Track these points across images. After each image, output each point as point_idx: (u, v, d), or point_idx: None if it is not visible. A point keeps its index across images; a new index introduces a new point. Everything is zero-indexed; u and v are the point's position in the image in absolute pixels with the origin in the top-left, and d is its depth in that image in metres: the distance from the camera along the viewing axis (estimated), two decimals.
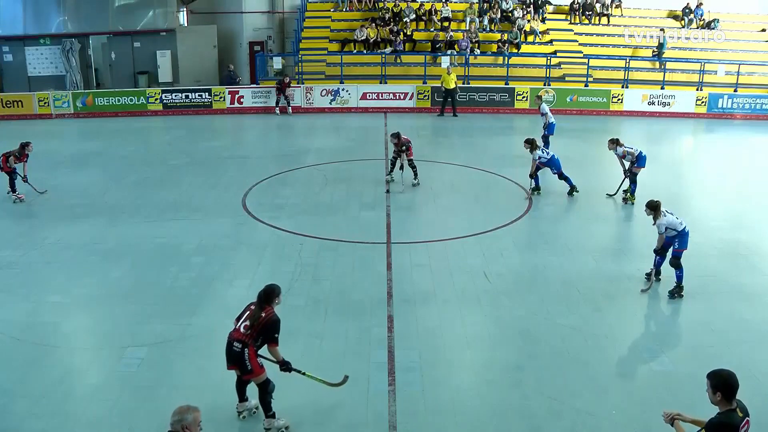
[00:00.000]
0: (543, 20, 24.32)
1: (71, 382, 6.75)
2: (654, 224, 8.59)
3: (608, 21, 24.43)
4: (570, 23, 24.49)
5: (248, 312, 5.81)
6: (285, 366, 5.83)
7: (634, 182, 12.28)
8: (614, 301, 8.53)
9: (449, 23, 23.87)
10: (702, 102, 21.12)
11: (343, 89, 21.46)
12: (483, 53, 23.05)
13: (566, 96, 21.27)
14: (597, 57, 22.52)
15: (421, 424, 6.06)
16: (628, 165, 12.17)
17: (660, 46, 22.67)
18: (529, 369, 6.94)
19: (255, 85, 22.30)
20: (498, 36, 23.31)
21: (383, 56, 22.15)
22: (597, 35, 23.96)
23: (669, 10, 24.87)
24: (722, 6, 24.73)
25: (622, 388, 6.69)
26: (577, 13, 24.51)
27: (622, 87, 21.61)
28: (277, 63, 22.88)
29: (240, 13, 25.79)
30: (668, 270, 8.64)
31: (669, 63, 22.07)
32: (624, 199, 12.42)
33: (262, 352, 5.81)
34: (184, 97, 21.46)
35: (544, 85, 21.48)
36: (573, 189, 12.72)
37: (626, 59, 22.14)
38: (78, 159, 15.88)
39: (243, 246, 10.29)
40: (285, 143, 18.38)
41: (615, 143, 12.20)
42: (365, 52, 22.92)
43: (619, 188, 12.58)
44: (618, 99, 21.33)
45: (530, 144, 12.55)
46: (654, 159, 13.53)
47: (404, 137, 12.98)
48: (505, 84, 21.62)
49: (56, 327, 7.78)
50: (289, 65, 23.55)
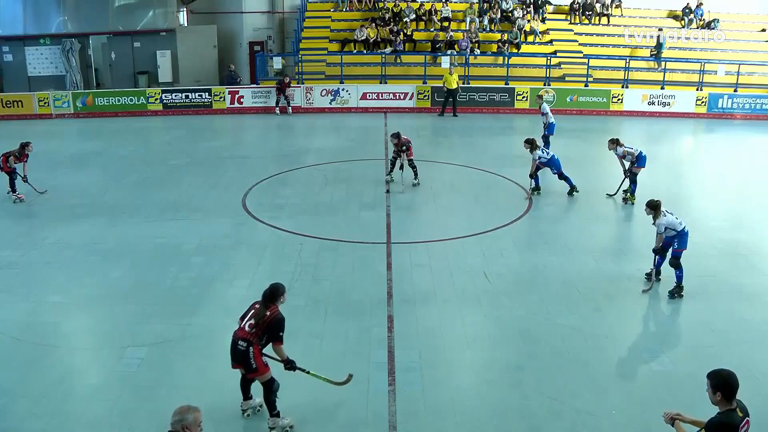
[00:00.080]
0: (543, 20, 24.33)
1: (71, 382, 6.75)
2: (653, 224, 8.59)
3: (608, 21, 24.43)
4: (570, 23, 24.50)
5: (253, 311, 5.81)
6: (289, 365, 5.84)
7: (634, 182, 12.28)
8: (614, 301, 8.53)
9: (449, 23, 23.87)
10: (702, 102, 21.12)
11: (343, 89, 21.46)
12: (483, 53, 23.06)
13: (566, 96, 21.28)
14: (597, 57, 22.52)
15: (421, 424, 6.06)
16: (628, 165, 12.18)
17: (658, 46, 22.67)
18: (529, 369, 6.94)
19: (255, 85, 22.30)
20: (498, 36, 23.31)
21: (383, 56, 22.15)
22: (597, 35, 23.96)
23: (669, 10, 24.88)
24: (722, 6, 24.73)
25: (622, 388, 6.69)
26: (577, 13, 24.51)
27: (622, 87, 21.61)
28: (277, 63, 22.88)
29: (240, 13, 25.79)
30: (668, 270, 8.65)
31: (669, 63, 22.07)
32: (624, 199, 12.43)
33: (267, 351, 5.81)
34: (184, 97, 21.46)
35: (544, 85, 21.48)
36: (573, 189, 12.72)
37: (626, 59, 22.16)
38: (78, 159, 15.88)
39: (243, 246, 10.29)
40: (285, 143, 18.38)
41: (615, 143, 12.21)
42: (365, 52, 22.92)
43: (619, 188, 12.58)
44: (618, 99, 21.34)
45: (530, 144, 12.56)
46: (654, 159, 13.54)
47: (404, 137, 12.99)
48: (505, 84, 21.62)
49: (56, 327, 7.78)
50: (289, 65, 23.54)
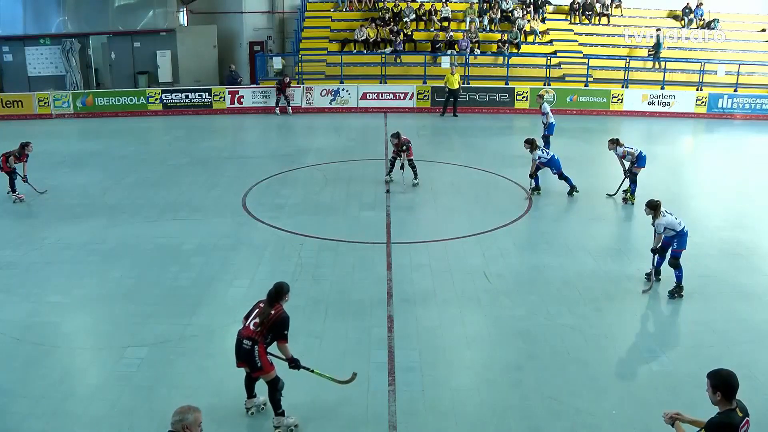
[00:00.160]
0: (543, 20, 24.34)
1: (71, 382, 6.75)
2: (652, 224, 8.59)
3: (608, 21, 24.45)
4: (570, 23, 24.51)
5: (257, 309, 5.82)
6: (294, 363, 5.84)
7: (634, 182, 12.29)
8: (614, 301, 8.53)
9: (449, 23, 23.88)
10: (702, 102, 21.12)
11: (343, 89, 21.46)
12: (483, 53, 23.06)
13: (566, 96, 21.27)
14: (597, 57, 22.52)
15: (421, 424, 6.06)
16: (628, 165, 12.18)
17: (657, 46, 22.67)
18: (529, 369, 6.94)
19: (255, 85, 22.30)
20: (498, 36, 23.32)
21: (383, 56, 22.16)
22: (597, 35, 23.97)
23: (669, 10, 24.89)
24: (722, 6, 24.75)
25: (622, 388, 6.69)
26: (577, 13, 24.52)
27: (622, 87, 21.62)
28: (277, 63, 22.88)
29: (240, 13, 25.81)
30: (668, 270, 8.65)
31: (669, 63, 22.07)
32: (624, 199, 12.43)
33: (272, 350, 5.82)
34: (184, 97, 21.46)
35: (544, 85, 21.48)
36: (573, 189, 12.72)
37: (626, 59, 22.17)
38: (78, 159, 15.87)
39: (243, 246, 10.29)
40: (285, 143, 18.37)
41: (615, 143, 12.21)
42: (365, 52, 22.92)
43: (619, 188, 12.58)
44: (618, 99, 21.34)
45: (530, 144, 12.56)
46: (654, 159, 13.54)
47: (404, 137, 12.99)
48: (505, 84, 21.62)
49: (56, 327, 7.78)
50: (289, 65, 23.55)
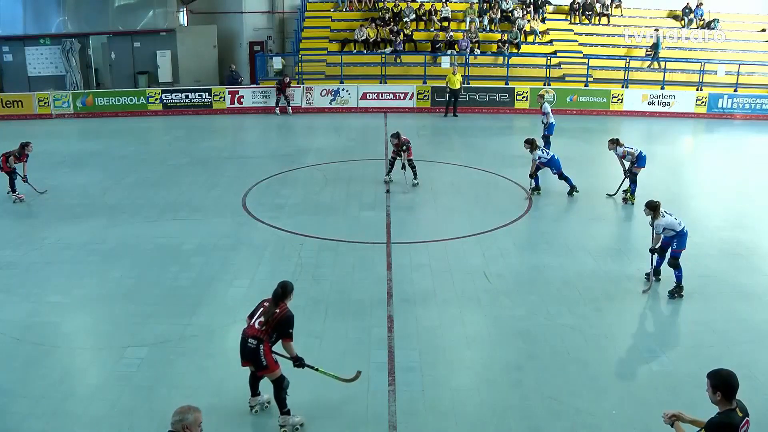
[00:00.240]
0: (543, 20, 24.34)
1: (71, 382, 6.75)
2: (651, 224, 8.59)
3: (608, 21, 24.45)
4: (570, 23, 24.51)
5: (262, 309, 5.83)
6: (298, 362, 5.86)
7: (634, 182, 12.29)
8: (614, 301, 8.53)
9: (449, 23, 23.88)
10: (702, 102, 21.12)
11: (343, 89, 21.46)
12: (483, 53, 23.06)
13: (566, 96, 21.27)
14: (597, 57, 22.53)
15: (421, 424, 6.06)
16: (628, 165, 12.18)
17: (655, 46, 22.66)
18: (529, 369, 6.94)
19: (255, 85, 22.30)
20: (498, 36, 23.32)
21: (383, 56, 22.16)
22: (597, 35, 23.98)
23: (669, 10, 24.90)
24: (722, 6, 24.75)
25: (622, 388, 6.69)
26: (577, 13, 24.52)
27: (622, 87, 21.62)
28: (277, 63, 22.89)
29: (240, 13, 25.81)
30: (668, 270, 8.65)
31: (669, 63, 22.06)
32: (624, 199, 12.43)
33: (276, 349, 5.83)
34: (184, 97, 21.46)
35: (544, 85, 21.48)
36: (573, 189, 12.72)
37: (626, 59, 22.18)
38: (78, 159, 15.87)
39: (243, 246, 10.29)
40: (285, 143, 18.37)
41: (615, 143, 12.21)
42: (365, 52, 22.92)
43: (619, 188, 12.58)
44: (618, 99, 21.34)
45: (530, 144, 12.56)
46: (654, 159, 13.54)
47: (404, 137, 12.98)
48: (505, 84, 21.62)
49: (56, 327, 7.78)
50: (289, 65, 23.55)
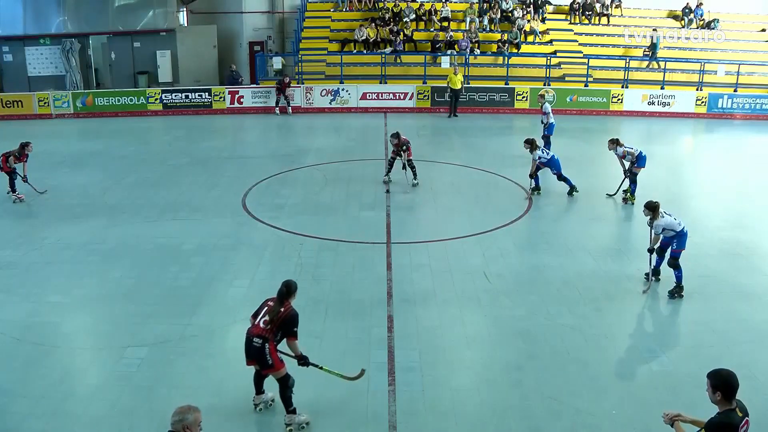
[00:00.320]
0: (543, 20, 24.34)
1: (71, 382, 6.75)
2: (649, 224, 8.60)
3: (608, 21, 24.44)
4: (570, 23, 24.50)
5: (266, 308, 5.84)
6: (303, 360, 5.87)
7: (634, 182, 12.28)
8: (614, 301, 8.53)
9: (449, 23, 23.88)
10: (702, 102, 21.12)
11: (343, 89, 21.46)
12: (483, 53, 23.06)
13: (566, 96, 21.26)
14: (597, 57, 22.52)
15: (421, 424, 6.06)
16: (628, 165, 12.17)
17: (653, 46, 22.66)
18: (529, 369, 6.94)
19: (255, 85, 22.29)
20: (498, 36, 23.32)
21: (383, 56, 22.16)
22: (597, 35, 23.97)
23: (669, 10, 24.89)
24: (722, 6, 24.74)
25: (622, 388, 6.69)
26: (577, 13, 24.51)
27: (622, 87, 21.61)
28: (277, 63, 22.88)
29: (240, 13, 25.81)
30: (668, 270, 8.65)
31: (669, 63, 22.06)
32: (624, 199, 12.43)
33: (281, 347, 5.84)
34: (184, 97, 21.45)
35: (544, 85, 21.47)
36: (573, 189, 12.72)
37: (626, 59, 22.17)
38: (78, 159, 15.87)
39: (243, 246, 10.28)
40: (285, 143, 18.37)
41: (615, 143, 12.21)
42: (365, 52, 22.91)
43: (619, 188, 12.58)
44: (618, 99, 21.33)
45: (530, 144, 12.56)
46: (654, 159, 13.53)
47: (403, 137, 12.98)
48: (505, 84, 21.62)
49: (56, 327, 7.78)
50: (289, 65, 23.55)
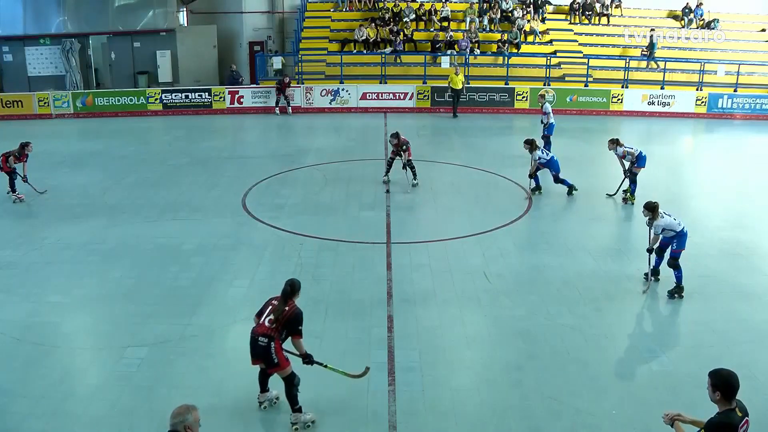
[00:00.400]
0: (543, 20, 24.33)
1: (71, 382, 6.75)
2: (648, 224, 8.60)
3: (608, 21, 24.44)
4: (570, 23, 24.50)
5: (271, 307, 5.86)
6: (307, 359, 5.89)
7: (634, 182, 12.28)
8: (614, 301, 8.53)
9: (449, 23, 23.88)
10: (702, 102, 21.11)
11: (343, 89, 21.46)
12: (483, 53, 23.05)
13: (566, 96, 21.26)
14: (597, 57, 22.52)
15: (421, 424, 6.06)
16: (628, 165, 12.18)
17: (651, 46, 22.66)
18: (529, 369, 6.94)
19: (255, 85, 22.29)
20: (498, 36, 23.31)
21: (383, 56, 22.16)
22: (597, 35, 23.96)
23: (669, 10, 24.88)
24: (722, 6, 24.74)
25: (622, 388, 6.69)
26: (577, 13, 24.51)
27: (622, 87, 21.61)
28: (277, 62, 22.88)
29: (240, 13, 25.81)
30: (668, 270, 8.64)
31: (669, 63, 22.05)
32: (624, 199, 12.43)
33: (285, 346, 5.85)
34: (184, 97, 21.45)
35: (544, 85, 21.47)
36: (572, 188, 12.72)
37: (626, 59, 22.17)
38: (78, 159, 15.86)
39: (243, 246, 10.28)
40: (285, 143, 18.36)
41: (615, 143, 12.21)
42: (365, 52, 22.91)
43: (619, 188, 12.58)
44: (618, 99, 21.33)
45: (530, 144, 12.56)
46: (654, 159, 13.53)
47: (402, 137, 12.98)
48: (505, 84, 21.61)
49: (56, 327, 7.79)
50: (289, 65, 23.55)
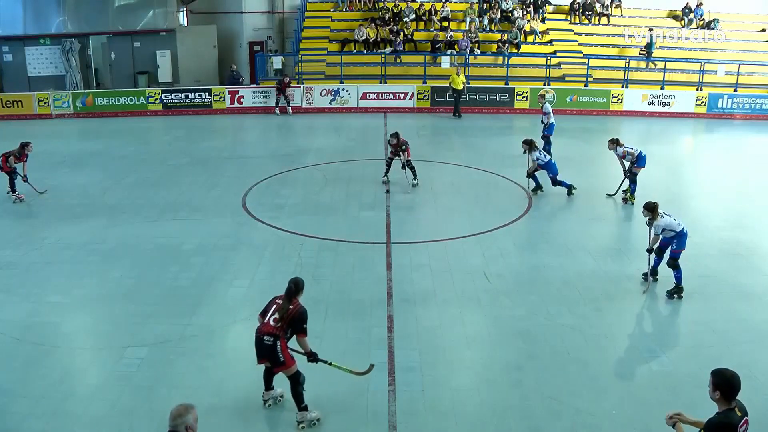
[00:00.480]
0: (543, 20, 24.33)
1: (71, 382, 6.75)
2: (648, 225, 8.60)
3: (608, 21, 24.44)
4: (570, 23, 24.50)
5: (275, 306, 5.87)
6: (312, 357, 5.90)
7: (634, 182, 12.28)
8: (614, 301, 8.53)
9: (449, 23, 23.88)
10: (702, 102, 21.12)
11: (343, 89, 21.46)
12: (483, 53, 23.05)
13: (566, 96, 21.26)
14: (597, 57, 22.52)
15: (421, 424, 6.06)
16: (628, 165, 12.18)
17: (648, 46, 22.66)
18: (529, 369, 6.95)
19: (255, 85, 22.29)
20: (498, 36, 23.31)
21: (383, 56, 22.16)
22: (597, 35, 23.97)
23: (669, 10, 24.89)
24: (722, 6, 24.74)
25: (622, 388, 6.70)
26: (577, 13, 24.51)
27: (622, 87, 21.61)
28: (277, 62, 22.87)
29: (240, 13, 25.81)
30: (667, 270, 8.64)
31: (669, 63, 22.05)
32: (624, 199, 12.43)
33: (290, 344, 5.86)
34: (184, 97, 21.45)
35: (544, 85, 21.47)
36: (571, 188, 12.71)
37: (626, 59, 22.18)
38: (78, 159, 15.87)
39: (243, 246, 10.29)
40: (285, 143, 18.36)
41: (615, 143, 12.21)
42: (365, 52, 22.91)
43: (619, 188, 12.58)
44: (618, 99, 21.33)
45: (528, 145, 12.56)
46: (654, 159, 13.52)
47: (402, 138, 12.98)
48: (505, 84, 21.61)
49: (56, 327, 7.79)
50: (289, 65, 23.55)
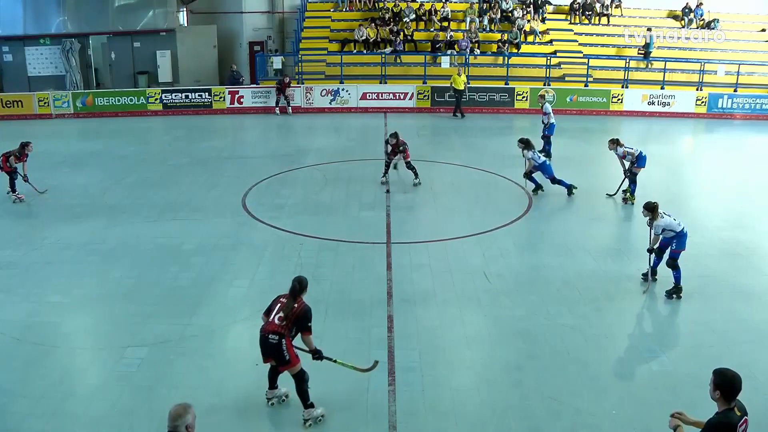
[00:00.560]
0: (543, 20, 24.34)
1: (71, 382, 6.75)
2: (648, 225, 8.60)
3: (608, 21, 24.44)
4: (570, 23, 24.50)
5: (279, 305, 5.89)
6: (317, 354, 5.91)
7: (634, 182, 12.28)
8: (614, 301, 8.53)
9: (449, 23, 23.88)
10: (702, 102, 21.12)
11: (343, 89, 21.46)
12: (483, 53, 23.05)
13: (566, 96, 21.25)
14: (597, 57, 22.52)
15: (421, 424, 6.06)
16: (628, 165, 12.18)
17: (646, 46, 22.66)
18: (529, 369, 6.95)
19: (255, 85, 22.29)
20: (498, 36, 23.31)
21: (383, 56, 22.16)
22: (597, 35, 23.97)
23: (669, 10, 24.89)
24: (722, 6, 24.74)
25: (622, 388, 6.70)
26: (577, 13, 24.51)
27: (622, 87, 21.61)
28: (277, 62, 22.87)
29: (240, 13, 25.81)
30: (667, 270, 8.63)
31: (669, 63, 22.05)
32: (624, 199, 12.42)
33: (294, 342, 5.87)
34: (184, 97, 21.45)
35: (544, 85, 21.47)
36: (570, 188, 12.71)
37: (626, 59, 22.18)
38: (78, 159, 15.87)
39: (243, 246, 10.29)
40: (285, 143, 18.36)
41: (615, 143, 12.21)
42: (365, 52, 22.92)
43: (619, 188, 12.58)
44: (618, 99, 21.33)
45: (524, 143, 12.56)
46: (654, 159, 13.52)
47: (401, 138, 12.98)
48: (505, 84, 21.61)
49: (56, 327, 7.79)
50: (289, 65, 23.55)
